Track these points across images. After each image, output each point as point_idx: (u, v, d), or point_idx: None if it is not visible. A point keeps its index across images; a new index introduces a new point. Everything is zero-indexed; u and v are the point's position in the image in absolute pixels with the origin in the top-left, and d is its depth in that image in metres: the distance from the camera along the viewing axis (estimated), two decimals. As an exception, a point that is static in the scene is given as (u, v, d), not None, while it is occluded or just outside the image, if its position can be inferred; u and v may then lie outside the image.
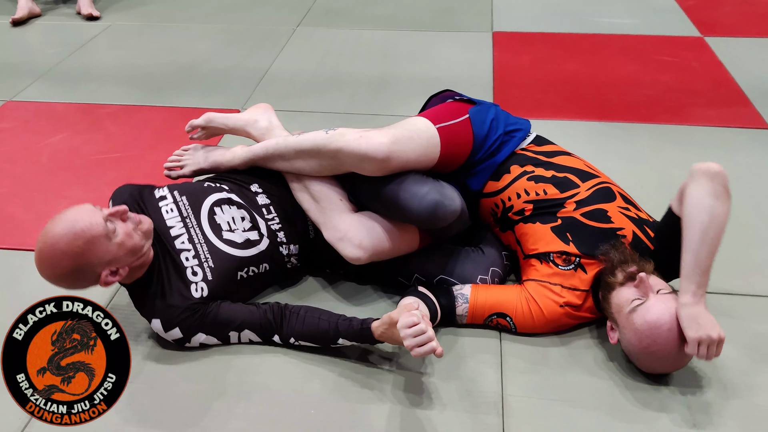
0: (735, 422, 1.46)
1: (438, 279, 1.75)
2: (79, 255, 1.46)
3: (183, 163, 1.90)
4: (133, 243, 1.53)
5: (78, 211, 1.50)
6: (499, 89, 2.92)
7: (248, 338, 1.65)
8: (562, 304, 1.63)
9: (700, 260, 1.47)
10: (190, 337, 1.61)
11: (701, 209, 1.48)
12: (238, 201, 1.76)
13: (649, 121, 2.67)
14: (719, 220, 1.48)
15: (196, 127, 1.93)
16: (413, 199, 1.61)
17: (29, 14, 3.80)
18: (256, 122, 1.89)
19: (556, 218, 1.68)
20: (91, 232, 1.47)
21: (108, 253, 1.49)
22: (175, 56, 3.33)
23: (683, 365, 1.53)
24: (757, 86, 2.89)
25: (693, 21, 3.62)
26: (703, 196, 1.48)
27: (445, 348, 1.64)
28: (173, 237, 1.66)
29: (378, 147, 1.60)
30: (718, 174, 1.50)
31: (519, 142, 1.79)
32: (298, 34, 3.57)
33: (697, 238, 1.47)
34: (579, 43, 3.41)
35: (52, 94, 2.98)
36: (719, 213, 1.48)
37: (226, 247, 1.68)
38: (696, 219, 1.48)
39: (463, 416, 1.49)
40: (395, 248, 1.70)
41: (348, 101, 2.87)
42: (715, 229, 1.47)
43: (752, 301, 1.79)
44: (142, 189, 1.78)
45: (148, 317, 1.61)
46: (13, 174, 2.40)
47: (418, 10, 3.88)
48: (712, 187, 1.49)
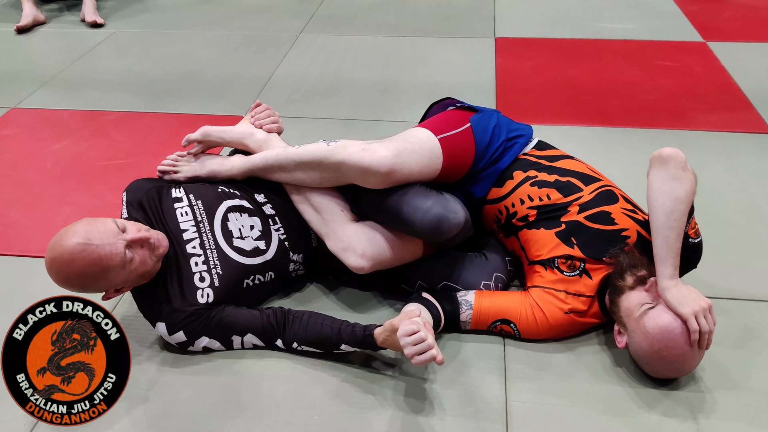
0: (740, 427, 1.46)
1: (441, 285, 1.74)
2: (91, 279, 1.46)
3: (178, 168, 1.85)
4: (146, 269, 1.53)
5: (100, 233, 1.46)
6: (501, 95, 2.93)
7: (251, 343, 1.64)
8: (566, 310, 1.63)
9: (670, 243, 1.51)
10: (194, 340, 1.61)
11: (662, 194, 1.53)
12: (250, 208, 1.76)
13: (651, 126, 2.67)
14: (681, 201, 1.52)
15: (192, 141, 1.88)
16: (416, 213, 1.60)
17: (34, 21, 3.81)
18: (252, 134, 1.86)
19: (560, 223, 1.68)
20: (109, 263, 1.45)
21: (119, 278, 1.50)
22: (179, 63, 3.35)
23: (692, 369, 1.53)
24: (760, 91, 2.89)
25: (695, 26, 3.62)
26: (661, 182, 1.54)
27: (447, 354, 1.65)
28: (185, 241, 1.66)
29: (381, 160, 1.60)
30: (671, 156, 1.55)
31: (521, 148, 1.79)
32: (301, 41, 3.58)
33: (664, 224, 1.52)
34: (581, 48, 3.41)
35: (56, 101, 3.00)
36: (679, 194, 1.52)
37: (235, 254, 1.68)
38: (659, 205, 1.53)
39: (467, 422, 1.48)
40: (398, 257, 1.70)
41: (350, 107, 2.87)
42: (680, 210, 1.52)
43: (755, 306, 1.78)
44: (160, 188, 1.75)
45: (153, 321, 1.61)
46: (17, 180, 2.41)
47: (420, 16, 3.89)
48: (666, 171, 1.54)
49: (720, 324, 1.69)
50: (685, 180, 1.54)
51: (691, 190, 1.55)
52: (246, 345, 1.65)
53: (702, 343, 1.47)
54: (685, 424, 1.47)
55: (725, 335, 1.67)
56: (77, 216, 2.17)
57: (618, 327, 1.58)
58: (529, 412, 1.51)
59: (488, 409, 1.51)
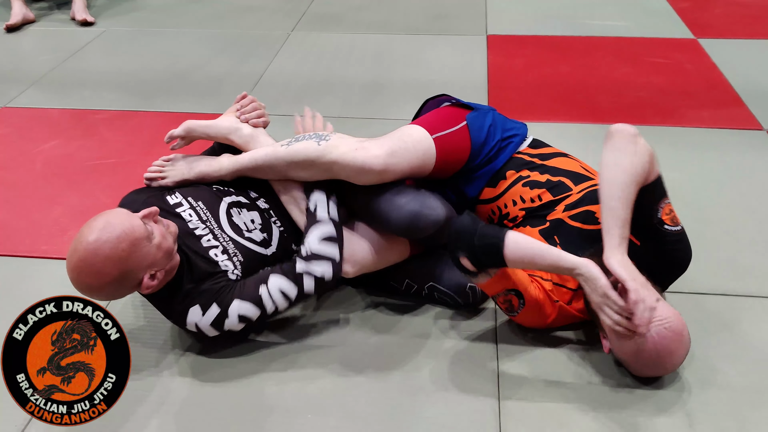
0: (731, 422, 1.47)
1: (429, 285, 1.75)
2: (124, 259, 1.43)
3: (165, 174, 1.80)
4: (168, 245, 1.51)
5: (114, 215, 1.47)
6: (493, 92, 2.93)
7: (278, 289, 1.57)
8: (555, 299, 1.64)
9: (616, 215, 1.47)
10: (227, 308, 1.55)
11: (606, 167, 1.52)
12: (247, 203, 1.76)
13: (642, 123, 2.65)
14: (625, 171, 1.49)
15: (175, 137, 1.82)
16: (392, 209, 1.59)
17: (23, 20, 3.79)
18: (238, 130, 1.81)
19: (545, 221, 1.68)
20: (135, 235, 1.44)
21: (149, 255, 1.47)
22: (170, 62, 3.33)
23: (676, 368, 1.54)
24: (750, 87, 2.91)
25: (686, 23, 3.64)
26: (606, 155, 1.54)
27: (440, 351, 1.65)
28: (198, 237, 1.63)
29: (374, 160, 1.59)
30: (617, 130, 1.55)
31: (516, 147, 1.78)
32: (291, 40, 3.57)
33: (608, 194, 1.49)
34: (572, 45, 3.42)
35: (46, 100, 2.98)
36: (623, 164, 1.49)
37: (250, 244, 1.67)
38: (603, 177, 1.52)
39: (459, 419, 1.49)
40: (385, 261, 1.70)
41: (342, 105, 2.87)
42: (623, 180, 1.48)
43: (745, 302, 1.79)
44: (154, 197, 1.72)
45: (184, 310, 1.56)
46: (7, 180, 2.40)
47: (411, 14, 3.89)
48: (612, 143, 1.54)
49: (709, 320, 1.70)
50: (629, 151, 1.51)
51: (640, 162, 1.50)
52: (274, 297, 1.57)
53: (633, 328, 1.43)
54: (676, 420, 1.47)
55: (714, 331, 1.68)
56: (68, 216, 2.18)
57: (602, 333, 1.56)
58: (522, 409, 1.51)
59: (481, 405, 1.52)
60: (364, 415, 1.50)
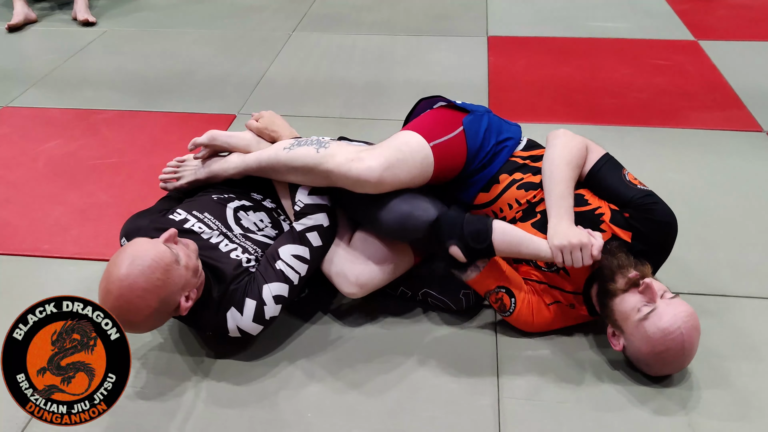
0: (731, 423, 1.47)
1: (423, 291, 1.75)
2: (160, 288, 1.43)
3: (179, 174, 1.83)
4: (194, 263, 1.51)
5: (137, 246, 1.46)
6: (493, 93, 2.93)
7: (290, 255, 1.60)
8: (549, 302, 1.65)
9: (559, 193, 1.61)
10: (261, 296, 1.56)
11: (543, 161, 1.68)
12: (252, 205, 1.77)
13: (642, 125, 2.68)
14: (558, 157, 1.64)
15: (199, 145, 1.83)
16: (383, 210, 1.58)
17: (25, 20, 3.80)
18: (259, 143, 1.83)
19: (536, 213, 1.67)
20: (165, 261, 1.43)
21: (181, 278, 1.46)
22: (171, 62, 3.34)
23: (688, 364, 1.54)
24: (750, 89, 2.91)
25: (686, 25, 3.64)
26: (546, 153, 1.68)
27: (439, 350, 1.66)
28: (214, 245, 1.64)
29: (369, 173, 1.55)
30: (556, 134, 1.70)
31: (510, 152, 1.76)
32: (293, 40, 3.58)
33: (548, 178, 1.64)
34: (573, 47, 3.42)
35: (48, 100, 2.99)
36: (552, 154, 1.65)
37: (266, 240, 1.69)
38: (543, 170, 1.67)
39: (459, 418, 1.49)
40: (390, 276, 1.69)
41: (343, 106, 2.87)
42: (558, 166, 1.63)
43: (745, 303, 1.79)
44: (155, 219, 1.71)
45: (222, 319, 1.56)
46: (9, 180, 2.40)
47: (413, 15, 3.89)
48: (549, 141, 1.70)
49: (711, 321, 1.70)
50: (557, 143, 1.66)
51: (567, 151, 1.64)
52: (291, 263, 1.59)
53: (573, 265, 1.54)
54: (677, 420, 1.47)
55: (716, 332, 1.68)
56: (69, 215, 2.19)
57: (612, 330, 1.56)
58: (522, 408, 1.51)
59: (481, 405, 1.52)
60: (364, 415, 1.50)
